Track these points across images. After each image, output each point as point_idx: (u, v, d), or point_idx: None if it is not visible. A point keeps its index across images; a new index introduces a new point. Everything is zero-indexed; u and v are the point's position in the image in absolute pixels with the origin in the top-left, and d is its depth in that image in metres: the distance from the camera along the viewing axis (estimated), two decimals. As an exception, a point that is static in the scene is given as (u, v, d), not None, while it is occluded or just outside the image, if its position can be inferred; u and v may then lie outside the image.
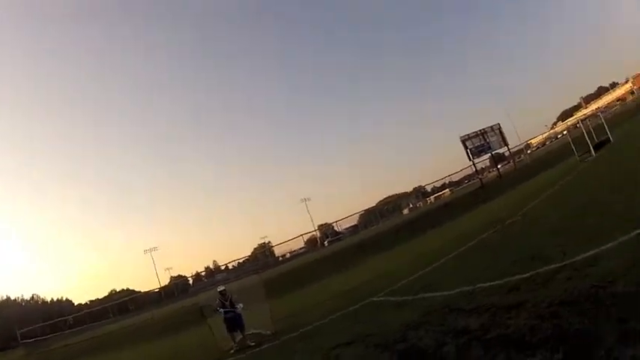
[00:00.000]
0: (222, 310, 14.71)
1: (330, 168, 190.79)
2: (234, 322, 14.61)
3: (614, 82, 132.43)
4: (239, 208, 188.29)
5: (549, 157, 49.49)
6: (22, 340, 56.67)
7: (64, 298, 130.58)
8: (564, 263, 8.20)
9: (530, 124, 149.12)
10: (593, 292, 6.26)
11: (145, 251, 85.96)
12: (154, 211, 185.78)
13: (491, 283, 9.18)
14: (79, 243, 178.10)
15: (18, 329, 58.79)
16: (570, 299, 6.38)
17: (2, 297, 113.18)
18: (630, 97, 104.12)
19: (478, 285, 9.49)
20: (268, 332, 14.94)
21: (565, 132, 64.21)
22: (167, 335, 29.23)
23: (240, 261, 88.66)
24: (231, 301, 14.86)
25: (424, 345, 7.21)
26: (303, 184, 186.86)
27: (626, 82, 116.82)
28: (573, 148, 31.43)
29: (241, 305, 14.77)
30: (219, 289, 15.42)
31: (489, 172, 64.46)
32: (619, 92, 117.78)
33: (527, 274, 8.53)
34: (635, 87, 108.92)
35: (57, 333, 61.15)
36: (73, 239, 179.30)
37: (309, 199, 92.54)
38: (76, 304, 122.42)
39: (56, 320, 70.72)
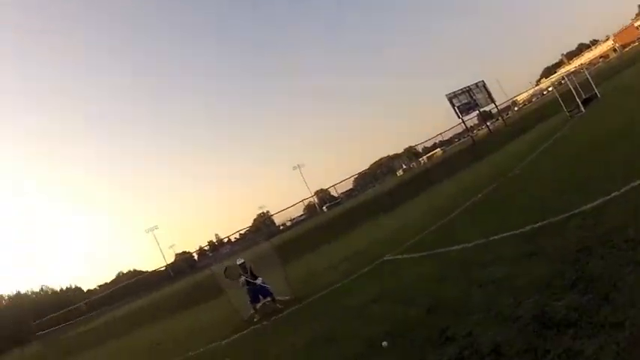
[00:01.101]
0: (244, 282, 14.73)
1: (320, 133, 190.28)
2: (257, 293, 14.72)
3: (594, 40, 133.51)
4: (233, 179, 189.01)
5: (538, 113, 49.32)
6: (36, 332, 56.02)
7: (74, 286, 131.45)
8: (573, 212, 8.52)
9: (513, 82, 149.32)
10: (607, 238, 6.57)
11: (146, 231, 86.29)
12: (149, 191, 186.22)
13: (505, 234, 9.43)
14: (79, 230, 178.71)
15: (32, 322, 58.71)
16: (587, 245, 6.69)
17: (12, 293, 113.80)
18: (613, 54, 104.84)
19: (492, 237, 9.71)
20: (287, 297, 15.01)
21: (551, 88, 64.62)
22: (185, 310, 29.73)
23: (242, 232, 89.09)
24: (251, 272, 14.94)
25: (451, 297, 7.47)
26: (295, 151, 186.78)
27: (607, 39, 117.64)
28: (562, 103, 31.75)
29: (261, 279, 14.82)
30: (238, 262, 15.23)
31: (479, 129, 64.69)
32: (601, 49, 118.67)
33: (540, 224, 8.86)
34: (617, 44, 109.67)
35: (71, 321, 60.58)
36: (73, 226, 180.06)
37: (303, 166, 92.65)
38: (85, 290, 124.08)
39: (68, 309, 70.25)
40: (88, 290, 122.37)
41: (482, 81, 55.41)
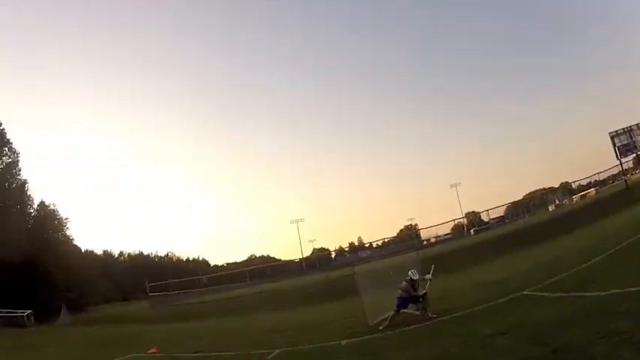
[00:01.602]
0: (405, 288, 14.90)
1: (485, 155, 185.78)
2: (408, 302, 14.93)
3: None
4: (388, 187, 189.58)
5: None
6: (150, 292, 59.03)
7: (201, 258, 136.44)
8: None
9: None
10: None
11: (292, 222, 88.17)
12: (303, 184, 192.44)
13: None
14: (227, 208, 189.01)
15: (148, 282, 60.68)
16: None
17: (135, 252, 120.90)
18: None
19: (628, 289, 9.81)
20: (417, 313, 15.04)
21: None
22: (307, 304, 30.54)
23: (386, 240, 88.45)
24: (414, 288, 14.95)
25: (576, 343, 7.76)
26: (454, 169, 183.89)
27: None
28: None
29: (424, 291, 14.96)
30: (411, 276, 15.07)
31: (633, 173, 61.18)
32: None
33: None
34: None
35: (186, 290, 63.13)
36: (223, 203, 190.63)
37: (459, 184, 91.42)
38: (212, 265, 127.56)
39: (189, 278, 72.92)
40: (215, 265, 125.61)
41: (645, 121, 52.44)
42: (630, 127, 50.86)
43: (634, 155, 52.93)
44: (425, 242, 77.57)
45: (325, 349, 13.65)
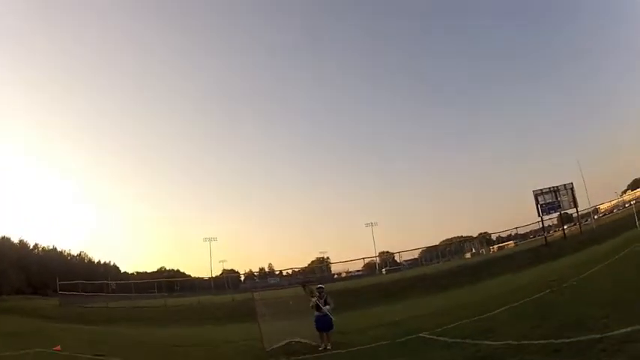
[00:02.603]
0: (314, 304, 15.16)
1: (405, 197, 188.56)
2: (324, 323, 14.97)
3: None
4: (303, 219, 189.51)
5: (614, 225, 49.20)
6: (60, 290, 57.80)
7: (112, 263, 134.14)
8: (603, 335, 8.54)
9: (600, 188, 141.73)
10: None
11: (205, 239, 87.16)
12: (220, 203, 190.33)
13: (536, 342, 9.56)
14: (143, 217, 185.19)
15: (59, 280, 59.57)
16: None
17: (49, 246, 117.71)
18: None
19: (524, 341, 9.88)
20: (314, 343, 15.30)
21: (633, 202, 63.28)
22: (211, 322, 31.06)
23: (296, 270, 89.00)
24: (325, 301, 15.27)
25: None
26: (372, 208, 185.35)
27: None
28: (637, 220, 31.33)
29: (328, 307, 15.13)
30: (318, 287, 16.04)
31: (555, 230, 63.20)
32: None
33: (569, 340, 8.92)
34: None
35: (95, 293, 62.10)
36: (139, 211, 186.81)
37: (375, 224, 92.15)
38: (122, 271, 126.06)
39: (99, 282, 72.35)
40: (125, 272, 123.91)
41: (572, 183, 54.07)
42: (557, 187, 53.12)
43: (557, 214, 54.79)
44: (335, 276, 78.49)
45: None
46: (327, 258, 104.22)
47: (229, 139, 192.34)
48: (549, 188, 53.25)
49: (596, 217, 71.79)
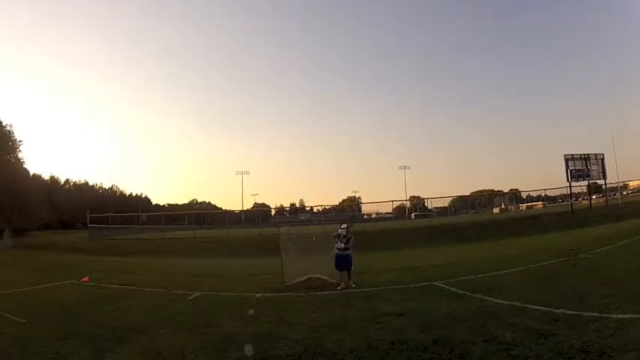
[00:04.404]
0: (337, 246, 15.61)
1: (440, 144, 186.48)
2: (343, 261, 15.41)
3: None
4: (337, 157, 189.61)
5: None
6: (90, 223, 58.99)
7: (144, 195, 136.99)
8: (601, 315, 8.87)
9: (633, 164, 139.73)
10: (607, 352, 6.88)
11: (237, 172, 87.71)
12: (252, 137, 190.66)
13: (538, 308, 9.92)
14: (176, 150, 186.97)
15: (89, 213, 60.68)
16: (588, 349, 7.04)
17: (80, 181, 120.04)
18: None
19: (528, 304, 10.26)
20: (334, 281, 15.82)
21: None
22: (236, 255, 32.22)
23: (327, 207, 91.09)
24: (347, 240, 15.65)
25: (458, 338, 8.15)
26: (407, 152, 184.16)
27: None
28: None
29: (350, 249, 15.60)
30: (343, 226, 16.21)
31: (583, 199, 62.75)
32: None
33: (569, 312, 9.28)
34: None
35: (125, 225, 63.54)
36: (171, 145, 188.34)
37: (408, 168, 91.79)
38: (153, 203, 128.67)
39: (129, 214, 73.94)
40: (156, 204, 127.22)
41: (602, 154, 53.34)
42: (588, 155, 52.35)
43: (586, 182, 54.40)
44: (365, 216, 78.91)
45: (240, 298, 14.32)
46: (359, 198, 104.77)
47: (266, 75, 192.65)
48: (580, 155, 52.64)
49: (624, 192, 70.92)
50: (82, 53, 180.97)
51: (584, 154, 52.52)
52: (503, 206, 79.94)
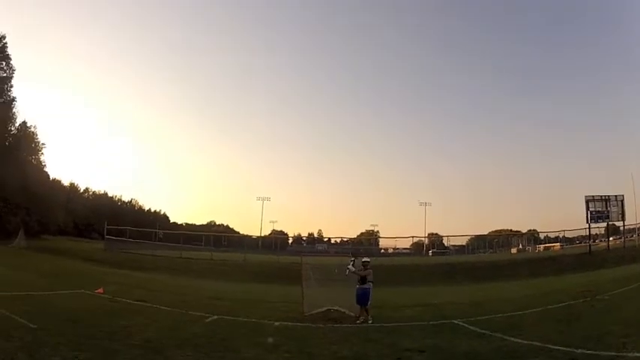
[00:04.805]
0: (360, 282, 15.55)
1: (460, 181, 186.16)
2: (363, 297, 15.38)
3: None
4: (358, 189, 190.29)
5: None
6: (107, 235, 59.51)
7: (162, 212, 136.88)
8: (618, 354, 9.04)
9: None
10: None
11: (258, 198, 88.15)
12: (275, 164, 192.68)
13: (558, 348, 9.95)
14: (198, 170, 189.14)
15: (107, 224, 61.04)
16: None
17: (100, 191, 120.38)
18: None
19: (547, 344, 10.27)
20: (352, 314, 15.83)
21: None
22: (254, 281, 32.32)
23: (345, 239, 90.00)
24: (365, 277, 15.62)
25: None
26: (427, 188, 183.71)
27: None
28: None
29: (371, 283, 15.57)
30: (363, 260, 16.35)
31: (601, 240, 62.25)
32: None
33: (588, 352, 9.35)
34: None
35: (141, 240, 62.98)
36: (190, 165, 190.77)
37: (429, 204, 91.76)
38: (172, 221, 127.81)
39: (146, 230, 73.12)
40: (174, 222, 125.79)
41: (622, 196, 53.24)
42: (608, 196, 52.02)
43: (605, 224, 54.04)
44: (382, 251, 78.64)
45: (258, 325, 14.41)
46: (377, 232, 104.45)
47: (296, 103, 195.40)
48: (601, 196, 52.51)
49: (641, 234, 70.28)
50: (116, 68, 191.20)
51: (605, 196, 52.21)
52: (520, 246, 79.32)
